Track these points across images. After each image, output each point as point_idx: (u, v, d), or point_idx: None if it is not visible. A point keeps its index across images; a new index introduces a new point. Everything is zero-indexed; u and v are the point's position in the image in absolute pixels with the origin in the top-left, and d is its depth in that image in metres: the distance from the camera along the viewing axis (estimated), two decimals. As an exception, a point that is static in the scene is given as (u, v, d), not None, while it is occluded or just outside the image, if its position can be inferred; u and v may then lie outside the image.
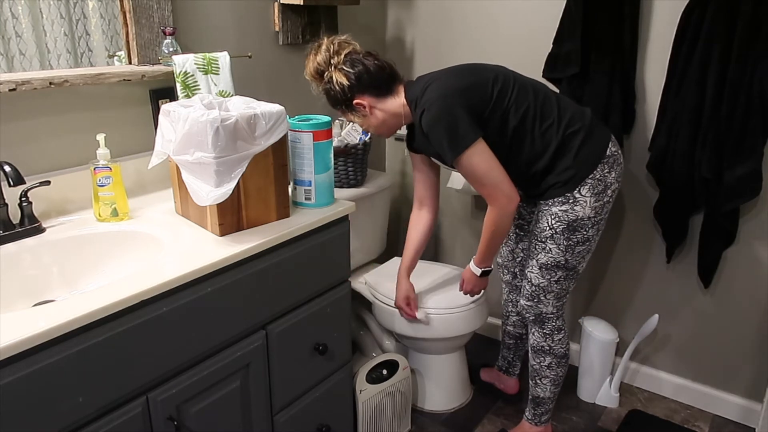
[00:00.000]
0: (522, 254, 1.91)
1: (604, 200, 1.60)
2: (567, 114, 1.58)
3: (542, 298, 1.71)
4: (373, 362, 1.83)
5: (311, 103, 2.13)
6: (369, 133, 2.06)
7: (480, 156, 1.51)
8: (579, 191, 1.57)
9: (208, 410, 1.22)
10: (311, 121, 1.43)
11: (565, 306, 1.76)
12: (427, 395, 2.08)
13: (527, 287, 1.73)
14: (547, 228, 1.62)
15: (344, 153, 2.00)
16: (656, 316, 2.03)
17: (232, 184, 1.22)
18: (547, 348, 1.77)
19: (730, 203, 1.79)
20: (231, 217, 1.29)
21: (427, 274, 2.23)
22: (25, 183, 1.19)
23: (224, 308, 1.21)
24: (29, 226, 1.27)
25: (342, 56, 1.56)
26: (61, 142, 1.42)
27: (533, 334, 1.78)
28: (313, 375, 1.50)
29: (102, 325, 0.99)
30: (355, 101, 1.59)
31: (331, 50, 1.57)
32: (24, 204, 1.26)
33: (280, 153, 1.34)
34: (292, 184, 1.48)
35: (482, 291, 1.89)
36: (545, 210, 1.63)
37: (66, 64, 1.42)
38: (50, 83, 1.30)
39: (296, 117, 1.47)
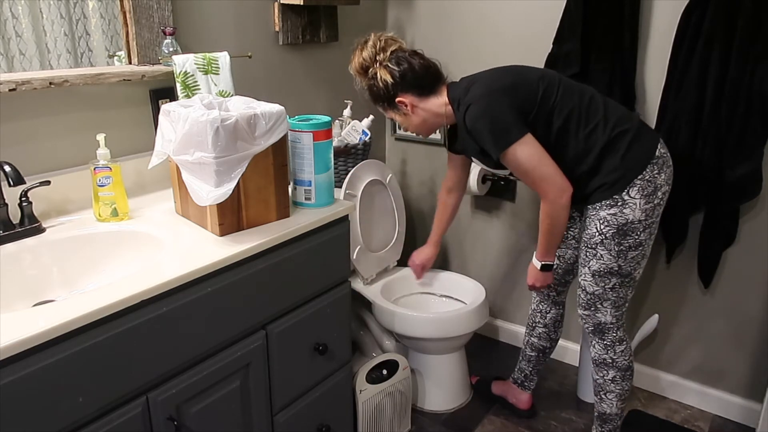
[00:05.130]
0: (558, 261, 1.84)
1: (655, 202, 1.54)
2: (614, 115, 1.55)
3: (599, 306, 1.64)
4: (373, 362, 1.83)
5: (311, 103, 2.13)
6: (369, 133, 2.06)
7: (528, 150, 1.49)
8: (628, 193, 1.52)
9: (208, 410, 1.22)
10: (311, 121, 1.43)
11: (625, 316, 1.69)
12: (427, 395, 2.08)
13: (582, 296, 1.67)
14: (597, 233, 1.57)
15: (344, 153, 2.00)
16: (656, 316, 2.03)
17: (232, 184, 1.22)
18: (610, 361, 1.70)
19: (730, 203, 1.80)
20: (231, 217, 1.29)
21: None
22: (25, 183, 1.19)
23: (224, 308, 1.21)
24: (29, 226, 1.27)
25: (388, 53, 1.59)
26: (61, 142, 1.42)
27: (594, 346, 1.72)
28: (313, 375, 1.50)
29: (102, 325, 0.99)
30: (397, 99, 1.61)
31: (378, 47, 1.59)
32: (24, 204, 1.26)
33: (280, 153, 1.34)
34: (292, 184, 1.48)
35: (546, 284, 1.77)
36: (593, 215, 1.58)
37: (66, 64, 1.42)
38: (50, 83, 1.30)
39: (296, 117, 1.47)
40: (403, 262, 2.28)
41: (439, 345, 2.00)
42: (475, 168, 2.24)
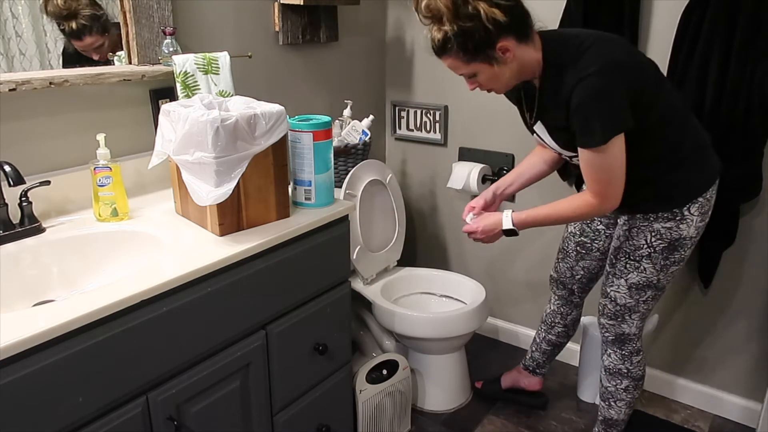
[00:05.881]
0: (582, 272, 1.82)
1: (706, 221, 1.51)
2: (698, 124, 1.49)
3: (627, 317, 1.60)
4: (373, 362, 1.83)
5: (311, 103, 2.13)
6: (369, 133, 2.06)
7: (619, 149, 1.32)
8: (688, 209, 1.45)
9: (208, 410, 1.22)
10: (311, 121, 1.43)
11: (643, 327, 1.66)
12: (427, 395, 2.08)
13: (610, 306, 1.62)
14: (645, 246, 1.49)
15: (344, 153, 2.00)
16: (656, 316, 2.03)
17: (232, 184, 1.22)
18: (625, 371, 1.67)
19: (730, 203, 1.80)
20: (231, 217, 1.29)
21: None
22: (25, 183, 1.19)
23: (224, 308, 1.21)
24: (29, 226, 1.27)
25: None
26: (61, 142, 1.42)
27: (609, 355, 1.68)
28: (313, 375, 1.50)
29: (102, 325, 0.99)
30: (500, 44, 1.28)
31: None
32: (24, 204, 1.26)
33: (280, 153, 1.34)
34: (292, 184, 1.48)
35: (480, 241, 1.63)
36: (644, 226, 1.49)
37: (66, 64, 1.42)
38: (50, 83, 1.30)
39: (296, 117, 1.47)
40: (403, 262, 2.28)
41: (439, 345, 2.00)
42: (475, 168, 2.24)
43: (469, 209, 1.67)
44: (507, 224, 1.53)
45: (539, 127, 1.50)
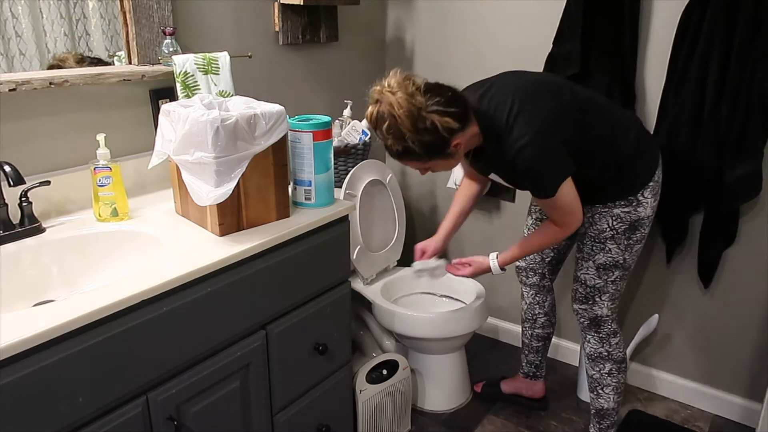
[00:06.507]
0: (552, 254, 1.88)
1: (658, 198, 1.62)
2: (631, 118, 1.60)
3: (597, 299, 1.68)
4: (373, 362, 1.83)
5: (311, 103, 2.13)
6: (369, 133, 2.06)
7: (568, 188, 1.46)
8: (642, 194, 1.56)
9: (208, 410, 1.22)
10: (311, 121, 1.43)
11: (617, 310, 1.74)
12: (427, 395, 2.08)
13: (581, 290, 1.70)
14: (608, 229, 1.60)
15: (344, 153, 2.00)
16: (656, 316, 2.03)
17: (232, 184, 1.23)
18: (606, 354, 1.73)
19: (730, 203, 1.80)
20: (231, 217, 1.29)
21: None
22: (25, 183, 1.19)
23: (224, 308, 1.21)
24: (29, 226, 1.27)
25: (423, 94, 1.34)
26: (61, 142, 1.42)
27: (588, 341, 1.75)
28: (313, 375, 1.50)
29: (102, 325, 0.99)
30: (454, 143, 1.40)
31: (409, 89, 1.33)
32: (24, 204, 1.26)
33: (280, 153, 1.34)
34: (292, 184, 1.48)
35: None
36: (605, 212, 1.60)
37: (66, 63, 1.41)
38: (50, 83, 1.30)
39: (296, 117, 1.47)
40: (403, 262, 2.28)
41: (439, 345, 2.00)
42: (475, 168, 2.24)
43: (420, 252, 1.81)
44: (496, 270, 1.70)
45: (493, 176, 1.66)
